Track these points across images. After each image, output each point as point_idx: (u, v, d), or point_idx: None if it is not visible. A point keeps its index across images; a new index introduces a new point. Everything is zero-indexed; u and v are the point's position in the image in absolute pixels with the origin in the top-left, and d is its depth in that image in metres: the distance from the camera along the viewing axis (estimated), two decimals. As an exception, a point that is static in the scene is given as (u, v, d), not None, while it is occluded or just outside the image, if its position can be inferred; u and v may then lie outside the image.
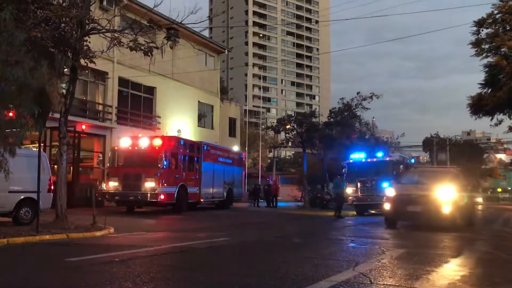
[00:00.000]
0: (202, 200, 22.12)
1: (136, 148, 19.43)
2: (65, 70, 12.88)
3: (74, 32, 12.36)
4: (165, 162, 18.78)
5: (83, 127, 22.82)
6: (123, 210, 19.37)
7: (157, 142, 19.61)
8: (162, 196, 18.29)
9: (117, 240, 10.22)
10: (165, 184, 18.50)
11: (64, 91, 12.92)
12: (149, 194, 18.09)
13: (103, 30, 13.04)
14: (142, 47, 13.19)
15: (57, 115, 12.84)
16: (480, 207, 51.94)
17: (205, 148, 22.65)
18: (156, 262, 7.06)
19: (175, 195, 19.04)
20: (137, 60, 19.69)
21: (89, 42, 12.96)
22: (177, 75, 29.34)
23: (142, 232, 11.97)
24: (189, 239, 10.40)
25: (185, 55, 27.74)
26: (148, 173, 18.40)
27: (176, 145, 20.34)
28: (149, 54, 13.30)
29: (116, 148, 20.28)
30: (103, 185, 19.18)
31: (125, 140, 19.94)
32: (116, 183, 18.72)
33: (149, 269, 6.47)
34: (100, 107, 26.02)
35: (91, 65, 13.38)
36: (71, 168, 21.39)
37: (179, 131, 28.77)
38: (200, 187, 21.53)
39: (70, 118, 13.70)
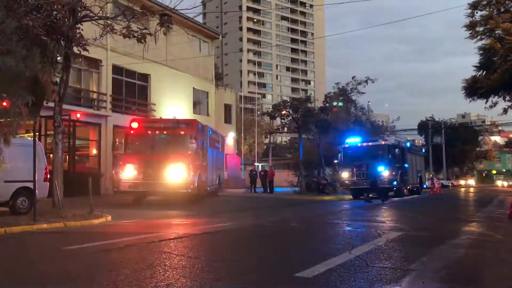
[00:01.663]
0: (208, 188, 20.28)
1: (157, 132, 17.35)
2: (58, 58, 12.78)
3: (66, 20, 12.24)
4: (194, 148, 17.00)
5: (78, 115, 22.71)
6: (121, 198, 19.29)
7: (182, 125, 17.69)
8: (192, 186, 16.45)
9: (115, 228, 10.25)
10: (192, 173, 16.71)
11: (57, 79, 12.84)
12: (179, 184, 16.14)
13: (96, 17, 12.93)
14: (135, 34, 13.10)
15: (51, 104, 12.77)
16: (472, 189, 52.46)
17: (210, 132, 21.23)
18: (154, 249, 7.10)
19: (196, 184, 17.17)
20: (131, 47, 19.53)
21: (82, 29, 12.84)
22: (172, 62, 29.15)
23: (139, 219, 12.01)
24: (187, 226, 10.45)
25: (179, 42, 27.56)
26: (176, 160, 16.37)
27: (198, 129, 18.20)
28: (142, 41, 13.22)
29: (132, 132, 17.54)
30: (121, 174, 16.62)
31: (140, 123, 17.73)
32: (136, 172, 16.40)
33: (147, 256, 6.50)
34: (95, 95, 25.88)
35: (84, 53, 13.28)
36: (67, 157, 21.35)
37: (174, 117, 28.68)
38: (207, 174, 19.82)
39: (64, 106, 13.65)
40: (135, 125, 17.56)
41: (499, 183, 78.15)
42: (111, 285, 4.69)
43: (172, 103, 29.75)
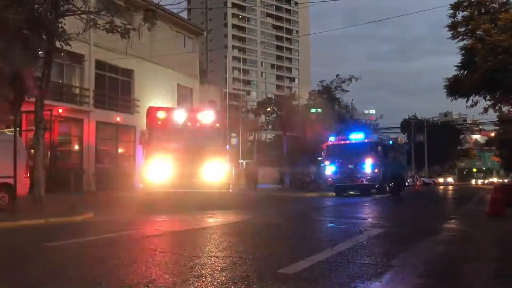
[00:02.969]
0: None
1: (188, 123, 15.07)
2: (40, 53, 12.60)
3: (48, 14, 12.06)
4: (234, 142, 15.70)
5: (60, 111, 22.44)
6: (103, 194, 19.18)
7: (216, 117, 15.78)
8: (230, 185, 15.05)
9: (98, 225, 10.17)
10: (230, 170, 15.56)
11: (39, 74, 12.67)
12: (219, 183, 14.60)
13: (79, 12, 12.76)
14: (119, 29, 12.96)
15: (32, 99, 12.60)
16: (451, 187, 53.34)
17: None
18: (137, 246, 7.08)
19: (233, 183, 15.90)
20: (115, 43, 19.34)
21: (64, 24, 12.66)
22: (156, 57, 28.94)
23: (122, 216, 11.94)
24: (170, 223, 10.43)
25: (163, 37, 27.38)
26: (215, 156, 14.68)
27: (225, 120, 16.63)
28: (126, 36, 13.10)
29: (159, 123, 15.14)
30: (149, 171, 14.55)
31: (169, 113, 15.36)
32: (167, 169, 14.28)
33: (129, 252, 6.49)
34: (77, 91, 25.59)
35: (66, 47, 13.09)
36: (49, 153, 21.09)
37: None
38: None
39: (46, 102, 13.45)
40: (162, 115, 15.27)
41: (473, 181, 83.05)
42: (93, 282, 4.67)
43: (156, 99, 29.55)
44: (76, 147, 25.25)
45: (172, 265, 5.32)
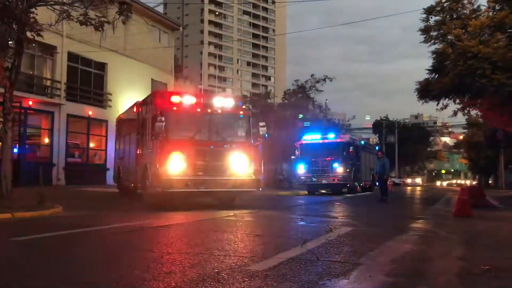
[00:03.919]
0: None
1: (208, 110, 13.03)
2: (10, 43, 12.31)
3: (19, 3, 11.79)
4: (262, 134, 13.86)
5: (30, 103, 21.96)
6: (73, 189, 18.83)
7: (238, 103, 14.13)
8: (261, 183, 13.59)
9: (67, 220, 10.02)
10: (261, 167, 13.85)
11: (9, 65, 12.36)
12: (249, 181, 13.09)
13: (51, 2, 12.50)
14: (93, 22, 12.76)
15: (1, 90, 12.30)
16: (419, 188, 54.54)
17: None
18: (107, 242, 7.01)
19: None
20: (88, 35, 19.02)
21: (36, 14, 12.39)
22: (130, 51, 28.59)
23: (91, 211, 11.77)
24: (139, 218, 10.34)
25: (138, 31, 27.08)
26: (243, 149, 13.12)
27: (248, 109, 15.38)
28: (100, 29, 12.91)
29: (174, 108, 12.61)
30: (169, 168, 12.09)
31: (187, 98, 12.83)
32: (189, 165, 12.28)
33: (99, 248, 6.42)
34: (48, 83, 25.06)
35: (38, 38, 12.83)
36: (17, 145, 20.61)
37: None
38: None
39: (15, 93, 13.14)
40: (179, 100, 12.76)
41: (438, 183, 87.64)
42: (60, 278, 4.62)
43: (129, 94, 29.20)
44: (46, 140, 24.74)
45: (142, 262, 5.29)
